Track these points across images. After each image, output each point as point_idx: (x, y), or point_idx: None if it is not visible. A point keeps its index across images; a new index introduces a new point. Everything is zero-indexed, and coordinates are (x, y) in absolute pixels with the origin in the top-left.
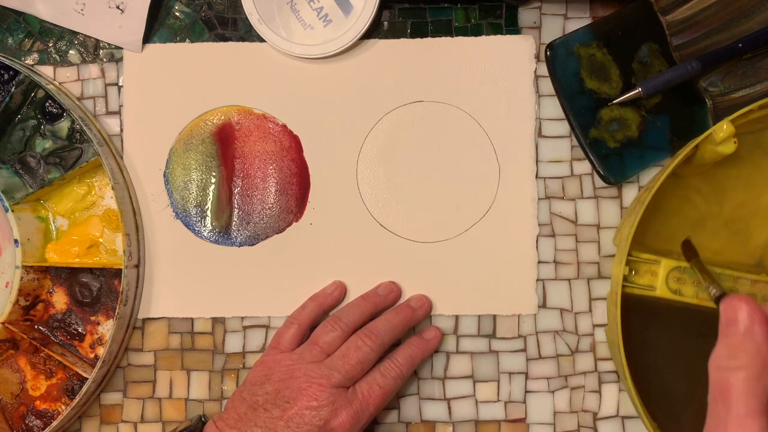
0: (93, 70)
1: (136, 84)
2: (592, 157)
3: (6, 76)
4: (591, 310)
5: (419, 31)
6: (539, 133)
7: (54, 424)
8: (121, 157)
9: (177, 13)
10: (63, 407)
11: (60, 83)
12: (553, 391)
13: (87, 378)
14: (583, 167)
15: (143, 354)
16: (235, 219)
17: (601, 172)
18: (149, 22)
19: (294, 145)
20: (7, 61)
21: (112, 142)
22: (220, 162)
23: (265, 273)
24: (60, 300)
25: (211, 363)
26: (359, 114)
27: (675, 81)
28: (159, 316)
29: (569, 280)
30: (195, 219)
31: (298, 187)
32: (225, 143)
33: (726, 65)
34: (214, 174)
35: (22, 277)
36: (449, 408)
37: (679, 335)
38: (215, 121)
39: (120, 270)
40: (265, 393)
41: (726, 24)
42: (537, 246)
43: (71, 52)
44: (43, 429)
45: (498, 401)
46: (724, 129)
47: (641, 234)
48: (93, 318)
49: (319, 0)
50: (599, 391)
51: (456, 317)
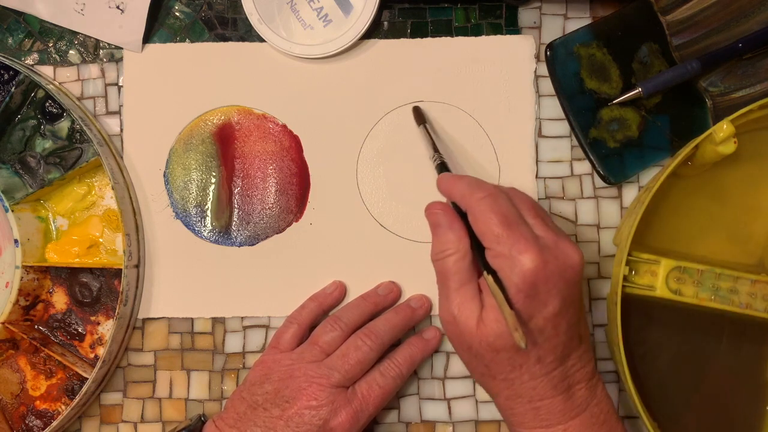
0: (93, 70)
1: (136, 84)
2: (592, 157)
3: (6, 76)
4: (591, 310)
5: (419, 31)
6: (539, 133)
7: (54, 424)
8: (121, 157)
9: (177, 13)
10: (63, 407)
11: (60, 83)
12: None
13: (87, 378)
14: (583, 167)
15: (143, 354)
16: (235, 219)
17: (601, 172)
18: (149, 22)
19: (294, 145)
20: (7, 61)
21: (112, 142)
22: (220, 162)
23: (265, 273)
24: (60, 300)
25: (211, 363)
26: (359, 114)
27: (675, 81)
28: (159, 316)
29: None
30: (195, 219)
31: (298, 187)
32: (225, 143)
33: (726, 65)
34: (214, 174)
35: (22, 277)
36: (449, 408)
37: (679, 335)
38: (215, 121)
39: (120, 270)
40: (265, 393)
41: (726, 24)
42: None
43: (71, 52)
44: (43, 429)
45: None
46: (724, 129)
47: (641, 234)
48: (93, 318)
49: (319, 0)
50: None
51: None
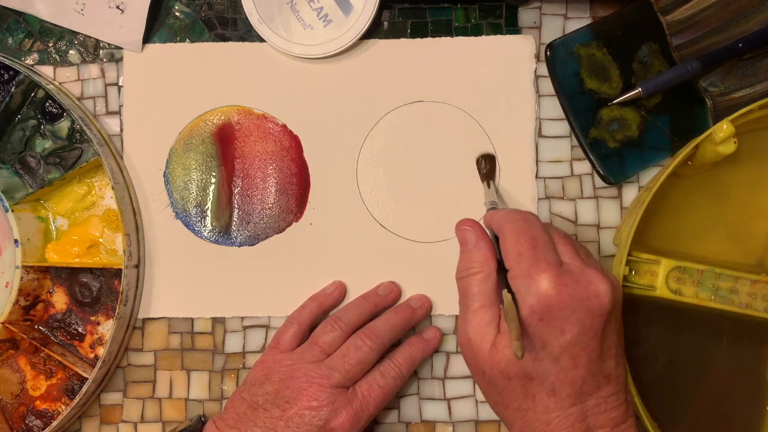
0: (93, 70)
1: (136, 84)
2: (592, 157)
3: (6, 76)
4: None
5: (419, 31)
6: (539, 133)
7: (54, 424)
8: (121, 157)
9: (177, 13)
10: (63, 407)
11: (60, 83)
12: None
13: (87, 378)
14: (583, 167)
15: (143, 354)
16: (235, 219)
17: (601, 172)
18: (149, 22)
19: (294, 145)
20: (7, 61)
21: (112, 142)
22: (220, 162)
23: (265, 273)
24: (60, 300)
25: (211, 363)
26: (359, 114)
27: (675, 81)
28: (159, 316)
29: None
30: (195, 219)
31: (298, 187)
32: (225, 143)
33: (726, 65)
34: (214, 174)
35: (22, 277)
36: (449, 408)
37: (679, 335)
38: (215, 121)
39: (120, 270)
40: (265, 393)
41: (726, 24)
42: None
43: (71, 52)
44: (43, 429)
45: None
46: (724, 129)
47: (641, 234)
48: (93, 318)
49: (319, 0)
50: None
51: (456, 317)
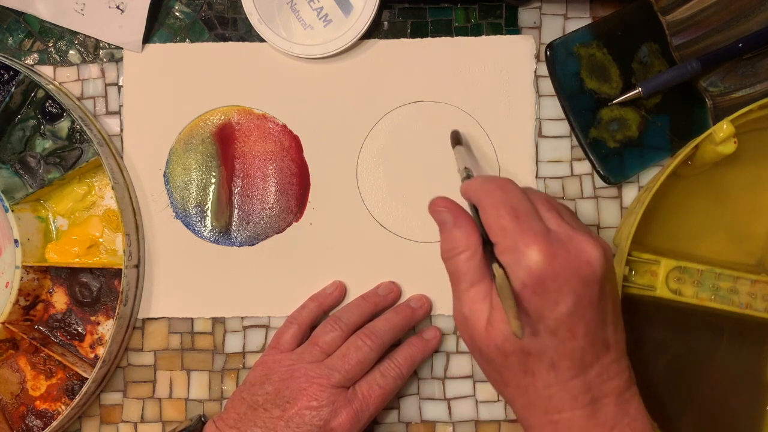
0: (93, 70)
1: (136, 84)
2: (592, 157)
3: (6, 76)
4: None
5: (419, 31)
6: (539, 133)
7: (54, 424)
8: (121, 157)
9: (177, 13)
10: (63, 407)
11: (60, 83)
12: None
13: (87, 378)
14: (583, 167)
15: (143, 354)
16: (235, 219)
17: (601, 172)
18: (149, 22)
19: (294, 145)
20: (7, 61)
21: (112, 142)
22: (220, 162)
23: (265, 273)
24: (60, 300)
25: (211, 363)
26: (359, 114)
27: (675, 81)
28: (159, 316)
29: None
30: (195, 219)
31: (298, 187)
32: (225, 143)
33: (726, 65)
34: (214, 174)
35: (22, 277)
36: (449, 408)
37: (679, 335)
38: (215, 121)
39: (120, 270)
40: (265, 393)
41: (726, 24)
42: None
43: (71, 52)
44: (43, 429)
45: (498, 401)
46: (724, 129)
47: (641, 234)
48: (93, 318)
49: (319, 0)
50: None
51: None
